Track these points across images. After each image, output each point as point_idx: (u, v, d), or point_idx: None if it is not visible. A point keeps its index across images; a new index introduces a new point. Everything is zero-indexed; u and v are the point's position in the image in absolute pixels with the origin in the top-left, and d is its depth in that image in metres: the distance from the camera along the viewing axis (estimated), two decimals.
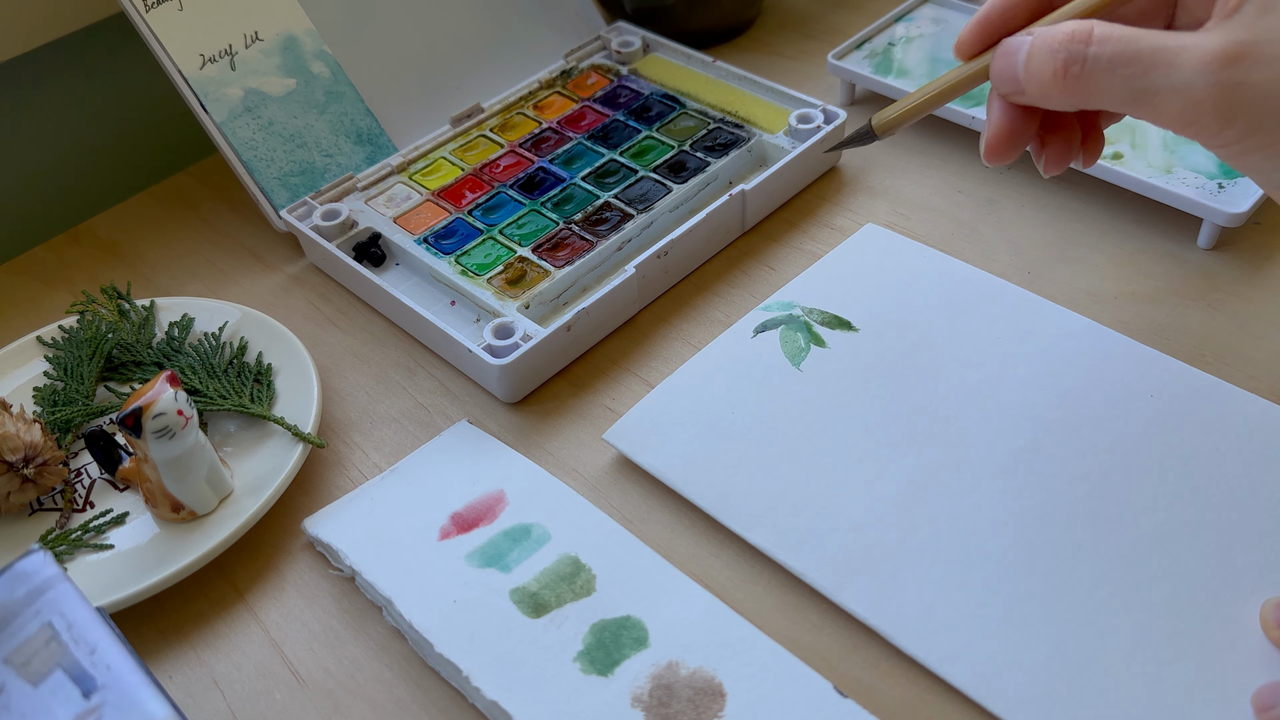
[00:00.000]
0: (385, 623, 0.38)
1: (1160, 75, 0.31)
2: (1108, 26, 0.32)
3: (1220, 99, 0.30)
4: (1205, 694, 0.32)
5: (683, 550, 0.39)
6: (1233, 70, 0.30)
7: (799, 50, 0.65)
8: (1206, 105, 0.30)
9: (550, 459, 0.43)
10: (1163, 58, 0.31)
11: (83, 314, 0.49)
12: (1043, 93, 0.33)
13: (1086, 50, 0.32)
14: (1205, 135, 0.32)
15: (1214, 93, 0.30)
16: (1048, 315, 0.44)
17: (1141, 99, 0.31)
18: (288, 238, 0.55)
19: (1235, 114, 0.30)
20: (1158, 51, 0.31)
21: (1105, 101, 0.32)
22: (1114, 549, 0.36)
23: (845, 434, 0.40)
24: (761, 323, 0.45)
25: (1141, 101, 0.32)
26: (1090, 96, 0.32)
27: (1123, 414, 0.40)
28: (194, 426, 0.39)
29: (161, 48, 0.51)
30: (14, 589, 0.29)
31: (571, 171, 0.53)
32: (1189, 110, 0.31)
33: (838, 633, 0.36)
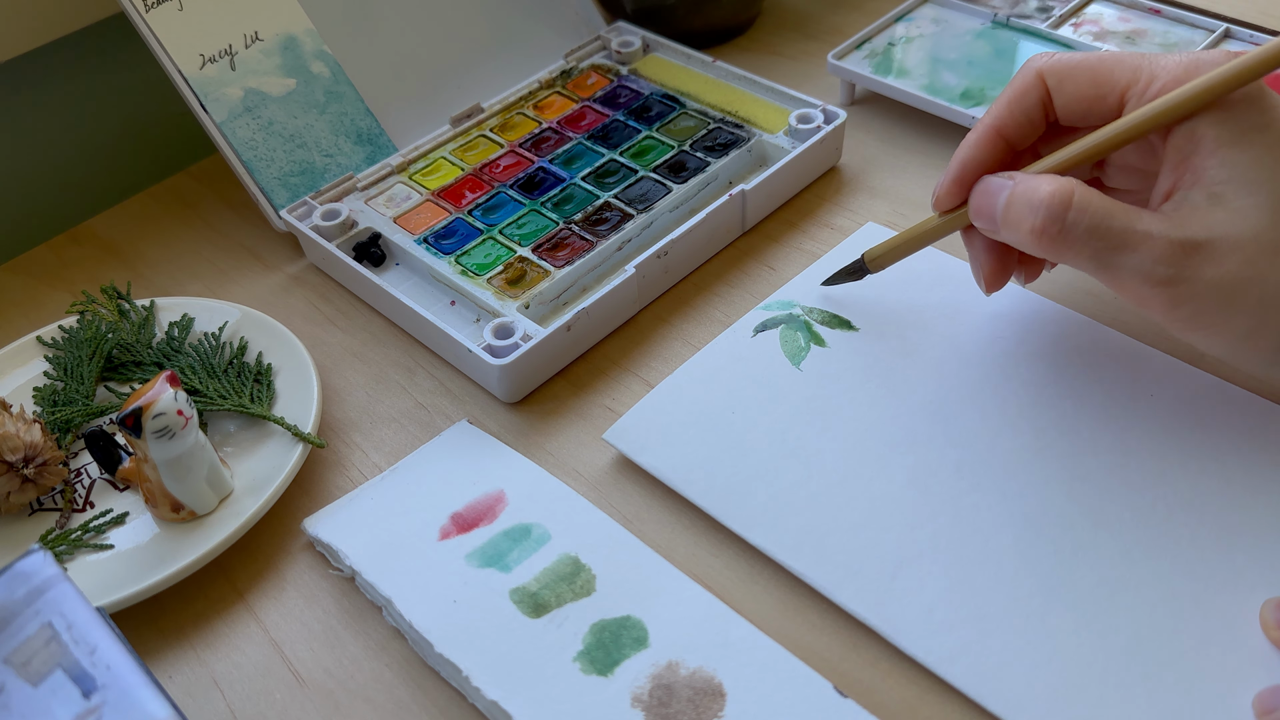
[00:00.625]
0: (385, 623, 0.38)
1: (1125, 256, 0.34)
2: (1085, 193, 0.34)
3: (1171, 289, 0.33)
4: (1205, 694, 0.32)
5: (683, 550, 0.39)
6: (1186, 265, 0.33)
7: (799, 50, 0.65)
8: (1160, 290, 0.34)
9: (550, 459, 0.43)
10: (1128, 240, 0.34)
11: (83, 314, 0.49)
12: (1017, 240, 0.37)
13: (1065, 216, 0.34)
14: (1154, 312, 0.35)
15: (1167, 281, 0.33)
16: (1048, 315, 0.44)
17: (1105, 270, 0.35)
18: (288, 238, 0.55)
19: (1182, 302, 0.34)
20: (1125, 233, 0.34)
21: (1072, 261, 0.36)
22: (1114, 549, 0.36)
23: (845, 434, 0.40)
24: (761, 322, 0.45)
25: (1104, 271, 0.35)
26: (1061, 255, 0.35)
27: (1123, 414, 0.40)
28: (194, 426, 0.39)
29: (161, 48, 0.51)
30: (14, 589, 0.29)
31: (571, 171, 0.53)
32: (1144, 290, 0.34)
33: (838, 633, 0.36)
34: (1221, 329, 0.34)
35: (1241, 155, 0.33)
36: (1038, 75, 0.38)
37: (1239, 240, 0.33)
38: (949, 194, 0.39)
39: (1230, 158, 0.33)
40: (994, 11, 0.61)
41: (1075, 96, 0.37)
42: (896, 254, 0.43)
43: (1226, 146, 0.33)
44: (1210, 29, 0.57)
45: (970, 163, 0.39)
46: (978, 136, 0.39)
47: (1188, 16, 0.58)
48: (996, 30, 0.60)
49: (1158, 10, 0.59)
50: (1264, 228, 0.33)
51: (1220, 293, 0.33)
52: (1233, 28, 0.57)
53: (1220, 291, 0.33)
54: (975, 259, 0.41)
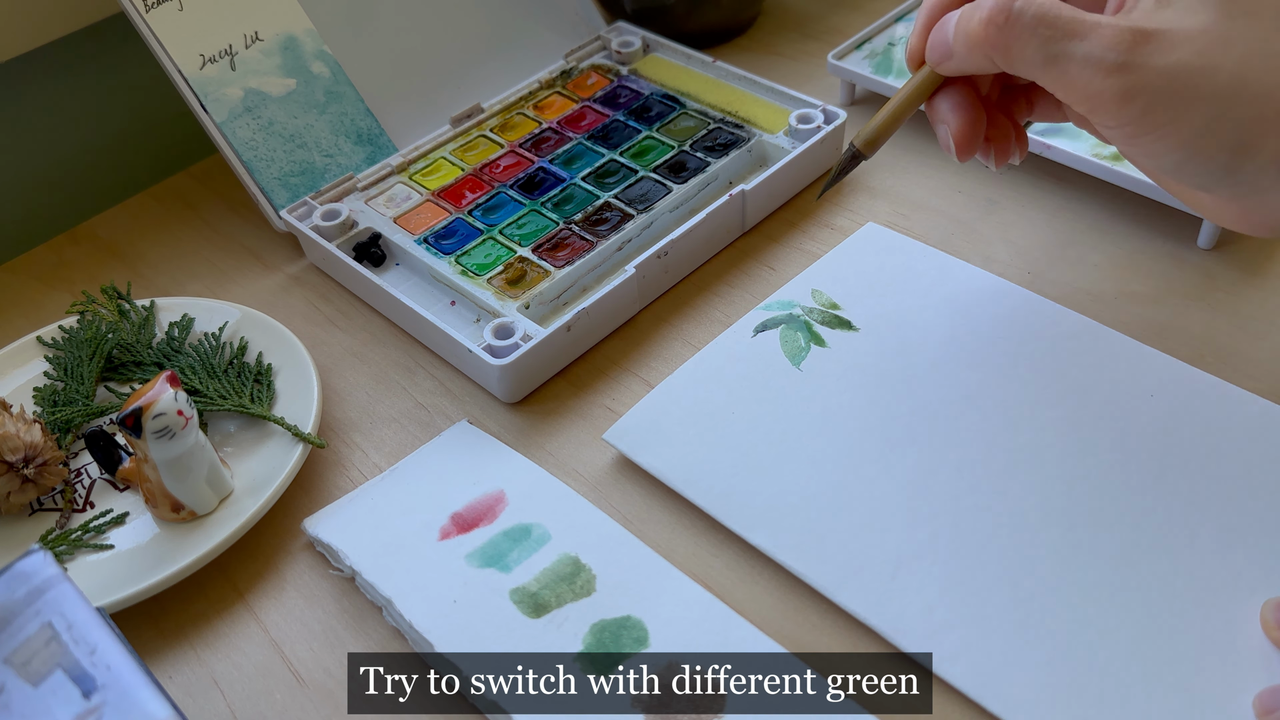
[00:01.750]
0: (385, 623, 0.38)
1: (1075, 44, 0.33)
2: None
3: (1123, 77, 0.33)
4: (1205, 694, 0.32)
5: (683, 550, 0.39)
6: (1137, 51, 0.32)
7: (799, 50, 0.65)
8: (1110, 81, 0.33)
9: (550, 459, 0.43)
10: (1078, 28, 0.33)
11: (83, 314, 0.49)
12: (969, 49, 0.36)
13: (1011, 5, 0.34)
14: (1104, 112, 0.34)
15: (1118, 70, 0.33)
16: (1048, 315, 0.44)
17: (1054, 63, 0.34)
18: (288, 238, 0.55)
19: (1134, 93, 0.33)
20: (1074, 21, 0.33)
21: (1021, 59, 0.35)
22: (1114, 549, 0.36)
23: (845, 434, 0.40)
24: (761, 322, 0.45)
25: (1053, 65, 0.34)
26: (1009, 52, 0.35)
27: (1123, 414, 0.40)
28: (194, 426, 0.39)
29: (161, 48, 0.51)
30: (14, 589, 0.29)
31: (571, 171, 0.53)
32: (1094, 80, 0.33)
33: (838, 633, 0.36)
34: (1175, 126, 0.33)
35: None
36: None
37: (1189, 32, 0.33)
38: (919, 40, 0.39)
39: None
40: None
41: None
42: (885, 130, 0.40)
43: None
44: None
45: (936, 7, 0.38)
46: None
47: None
48: None
49: None
50: (1212, 20, 0.33)
51: (1173, 82, 0.32)
52: None
53: (1173, 81, 0.32)
54: (942, 124, 0.39)
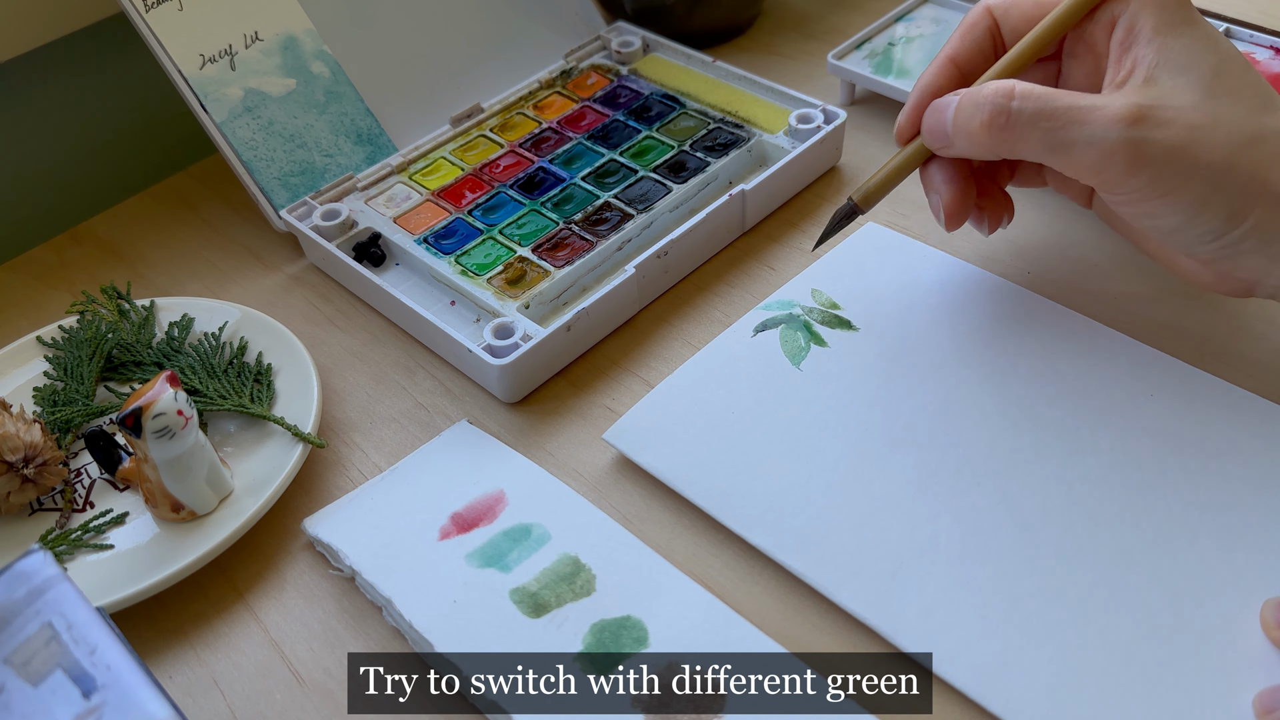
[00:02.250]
0: (385, 623, 0.38)
1: (1076, 130, 0.36)
2: (1027, 85, 0.37)
3: (1129, 152, 0.35)
4: (1205, 694, 0.32)
5: (683, 550, 0.39)
6: (1138, 128, 0.35)
7: (799, 50, 0.65)
8: (1117, 157, 0.35)
9: (550, 459, 0.43)
10: (1078, 115, 0.36)
11: (83, 314, 0.49)
12: (970, 143, 0.38)
13: (1010, 105, 0.37)
14: (1113, 184, 0.36)
15: (1123, 146, 0.35)
16: (1048, 315, 0.44)
17: (1059, 149, 0.36)
18: (288, 238, 0.55)
19: (1141, 165, 0.35)
20: (1073, 109, 0.36)
21: (1026, 151, 0.37)
22: (1114, 549, 0.36)
23: (845, 434, 0.40)
24: (761, 322, 0.45)
25: (1059, 152, 0.36)
26: (1014, 146, 0.37)
27: (1123, 414, 0.40)
28: (194, 426, 0.39)
29: (161, 48, 0.51)
30: (14, 589, 0.29)
31: (571, 171, 0.53)
32: (1102, 160, 0.36)
33: (838, 633, 0.36)
34: (1177, 194, 0.36)
35: (1175, 42, 0.36)
36: (985, 9, 0.41)
37: (1179, 109, 0.35)
38: (909, 121, 0.41)
39: (1165, 44, 0.36)
40: None
41: (1021, 19, 0.40)
42: (882, 188, 0.42)
43: (1162, 34, 0.36)
44: None
45: (927, 89, 0.41)
46: (935, 66, 0.41)
47: None
48: None
49: None
50: (1198, 101, 0.35)
51: (1173, 156, 0.35)
52: (1233, 28, 0.57)
53: (1173, 154, 0.35)
54: (934, 193, 0.42)
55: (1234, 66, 0.36)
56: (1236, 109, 0.36)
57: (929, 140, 0.40)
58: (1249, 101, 0.36)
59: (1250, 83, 0.36)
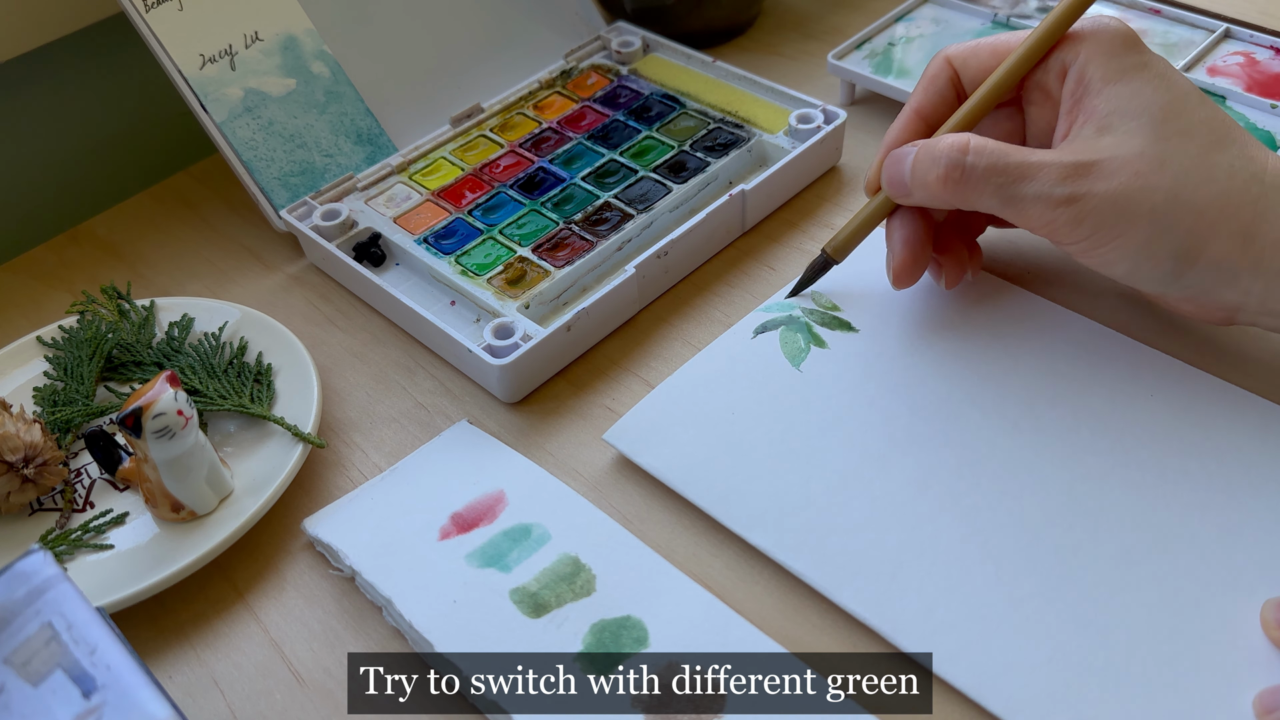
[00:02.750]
0: (385, 623, 0.38)
1: (1025, 185, 0.37)
2: (981, 140, 0.38)
3: (1071, 205, 0.36)
4: (1205, 694, 0.32)
5: (683, 550, 0.39)
6: (1080, 182, 0.36)
7: (799, 50, 0.65)
8: (1061, 210, 0.37)
9: (550, 459, 0.43)
10: (1026, 171, 0.37)
11: (83, 314, 0.49)
12: (928, 195, 0.39)
13: (965, 159, 0.38)
14: (1061, 235, 0.38)
15: (1065, 200, 0.36)
16: (1048, 315, 0.44)
17: (1009, 203, 0.38)
18: (288, 238, 0.55)
19: (1082, 218, 0.37)
20: (1022, 165, 0.37)
21: (979, 204, 0.38)
22: (1114, 549, 0.36)
23: (845, 434, 0.40)
24: (761, 323, 0.45)
25: (1010, 206, 0.38)
26: (968, 198, 0.38)
27: (1123, 414, 0.40)
28: (194, 426, 0.39)
29: (161, 48, 0.51)
30: (14, 589, 0.29)
31: (571, 171, 0.53)
32: (1047, 213, 0.37)
33: (838, 633, 0.36)
34: (1122, 242, 0.37)
35: (1124, 89, 0.37)
36: (945, 60, 0.42)
37: (1126, 158, 0.36)
38: (876, 174, 0.43)
39: (1114, 91, 0.37)
40: (994, 11, 0.61)
41: (980, 70, 0.41)
42: (852, 240, 0.44)
43: (1111, 82, 0.37)
44: (1210, 29, 0.57)
45: (894, 144, 0.42)
46: (900, 121, 0.43)
47: (1188, 16, 0.58)
48: (996, 29, 0.60)
49: (1158, 10, 0.59)
50: (1146, 144, 0.36)
51: (1116, 205, 0.36)
52: (1233, 28, 0.57)
53: (1116, 204, 0.36)
54: (890, 250, 0.43)
55: (1187, 104, 0.37)
56: (1186, 147, 0.36)
57: (889, 190, 0.41)
58: (1201, 139, 0.36)
59: (1204, 119, 0.37)
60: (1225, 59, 0.56)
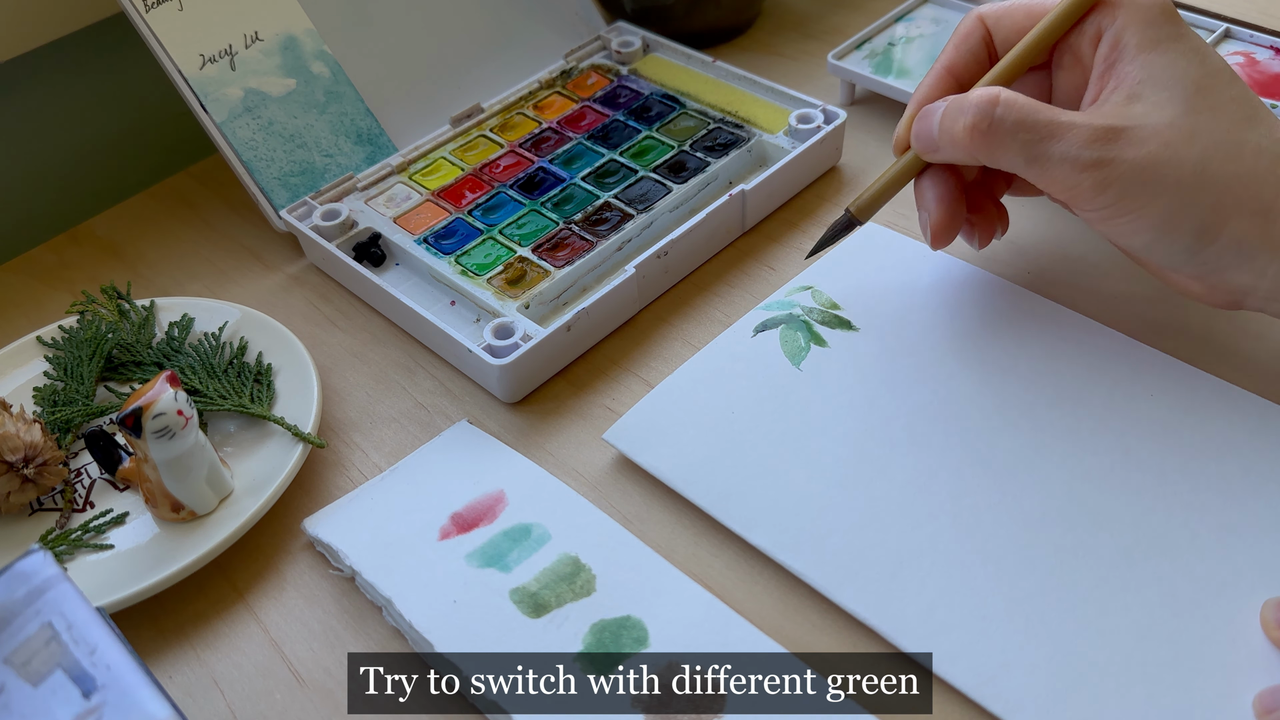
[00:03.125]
0: (385, 623, 0.38)
1: (1053, 145, 0.36)
2: (1011, 94, 0.37)
3: (1097, 170, 0.36)
4: (1205, 694, 0.32)
5: (683, 550, 0.39)
6: (1109, 147, 0.36)
7: (799, 50, 0.65)
8: (1086, 174, 0.36)
9: (550, 459, 0.43)
10: (1055, 129, 0.36)
11: (83, 314, 0.49)
12: (954, 148, 0.39)
13: (994, 111, 0.37)
14: (1082, 200, 0.37)
15: (1092, 164, 0.36)
16: (1048, 315, 0.44)
17: (1035, 162, 0.37)
18: (288, 238, 0.55)
19: (1107, 184, 0.36)
20: (1051, 124, 0.36)
21: (1005, 160, 0.38)
22: (1114, 549, 0.36)
23: (845, 434, 0.40)
24: (761, 322, 0.45)
25: (1035, 164, 0.37)
26: (993, 152, 0.38)
27: (1123, 414, 0.40)
28: (194, 426, 0.39)
29: (161, 48, 0.51)
30: (14, 589, 0.29)
31: (571, 171, 0.53)
32: (1072, 176, 0.36)
33: (838, 633, 0.36)
34: (1144, 211, 0.36)
35: (1159, 58, 0.37)
36: (978, 18, 0.42)
37: (1156, 127, 0.36)
38: (906, 131, 0.42)
39: (1149, 60, 0.37)
40: None
41: (1014, 29, 0.41)
42: (879, 199, 0.42)
43: (1146, 51, 0.37)
44: (1210, 29, 0.57)
45: (925, 99, 0.41)
46: (931, 77, 0.42)
47: (1187, 16, 0.58)
48: None
49: None
50: (1177, 115, 0.36)
51: (1142, 173, 0.35)
52: (1233, 28, 0.57)
53: (1142, 172, 0.35)
54: (924, 210, 0.42)
55: (1219, 80, 0.36)
56: (1216, 123, 0.36)
57: (917, 144, 0.40)
58: (1230, 115, 0.36)
59: (1234, 96, 0.36)
60: (1225, 59, 0.56)
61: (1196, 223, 0.36)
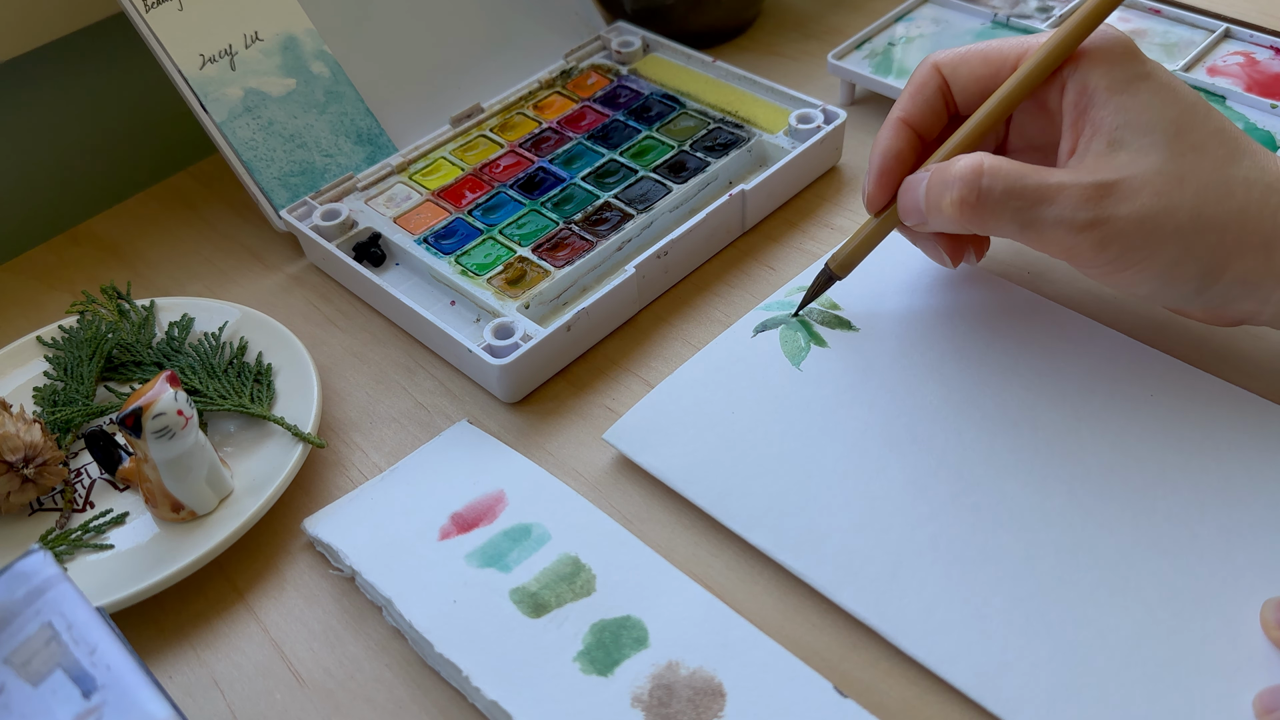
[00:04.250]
0: (385, 623, 0.38)
1: (1045, 209, 0.36)
2: (995, 161, 0.37)
3: (1096, 229, 0.35)
4: (1205, 694, 0.32)
5: (683, 550, 0.39)
6: (1103, 205, 0.35)
7: (799, 50, 0.65)
8: (1085, 235, 0.35)
9: (550, 459, 0.43)
10: (1045, 194, 0.36)
11: (83, 314, 0.49)
12: (944, 221, 0.38)
13: (980, 182, 0.36)
14: (1084, 259, 0.36)
15: (1090, 224, 0.35)
16: (1048, 315, 0.44)
17: (1028, 227, 0.36)
18: (288, 238, 0.55)
19: (1108, 242, 0.35)
20: (1041, 188, 0.36)
21: (997, 229, 0.37)
22: (1114, 549, 0.36)
23: (845, 434, 0.40)
24: (761, 322, 0.45)
25: (1028, 229, 0.36)
26: (985, 223, 0.37)
27: (1123, 414, 0.40)
28: (194, 426, 0.39)
29: (161, 48, 0.51)
30: (14, 589, 0.29)
31: (571, 171, 0.53)
32: (1069, 238, 0.36)
33: (838, 633, 0.36)
34: (1148, 263, 0.36)
35: (1132, 100, 0.36)
36: (933, 67, 0.41)
37: (1145, 176, 0.35)
38: (876, 190, 0.41)
39: (1123, 103, 0.36)
40: (994, 11, 0.61)
41: (971, 78, 0.40)
42: (857, 255, 0.43)
43: (1118, 94, 0.36)
44: (1210, 29, 0.57)
45: (886, 153, 0.41)
46: (888, 129, 0.41)
47: (1188, 16, 0.58)
48: (996, 30, 0.60)
49: (1158, 10, 0.59)
50: (1164, 161, 0.35)
51: (1141, 226, 0.35)
52: (1233, 28, 0.57)
53: (1140, 226, 0.35)
54: (927, 247, 0.42)
55: (1197, 117, 0.36)
56: (1203, 163, 0.35)
57: (905, 218, 0.40)
58: (1214, 153, 0.35)
59: (1214, 131, 0.36)
60: (1225, 59, 0.56)
61: (1201, 266, 0.35)
